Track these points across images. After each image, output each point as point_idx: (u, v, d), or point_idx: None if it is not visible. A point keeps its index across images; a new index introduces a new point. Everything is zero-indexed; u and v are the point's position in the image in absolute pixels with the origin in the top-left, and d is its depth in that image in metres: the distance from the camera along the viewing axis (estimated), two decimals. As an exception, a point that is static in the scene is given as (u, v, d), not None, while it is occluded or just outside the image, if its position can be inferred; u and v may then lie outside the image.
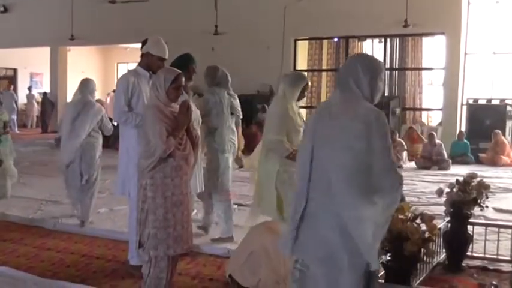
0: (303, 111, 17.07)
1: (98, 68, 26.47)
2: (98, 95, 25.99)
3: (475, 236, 5.08)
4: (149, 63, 4.73)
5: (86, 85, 6.50)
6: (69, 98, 21.96)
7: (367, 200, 2.51)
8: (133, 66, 5.11)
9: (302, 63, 17.22)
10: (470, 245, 4.99)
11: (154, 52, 4.72)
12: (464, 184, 4.85)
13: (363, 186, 2.51)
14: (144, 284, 3.89)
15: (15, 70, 24.46)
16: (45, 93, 21.06)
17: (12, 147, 6.65)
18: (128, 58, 25.01)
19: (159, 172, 3.77)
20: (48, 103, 20.46)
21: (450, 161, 12.10)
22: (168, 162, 3.77)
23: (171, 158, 3.77)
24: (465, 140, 13.09)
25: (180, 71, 3.97)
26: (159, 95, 3.86)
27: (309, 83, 4.83)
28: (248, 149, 13.50)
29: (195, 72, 5.20)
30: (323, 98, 17.65)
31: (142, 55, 4.79)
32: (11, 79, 24.18)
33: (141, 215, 3.82)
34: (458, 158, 12.69)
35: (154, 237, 3.77)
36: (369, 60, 2.77)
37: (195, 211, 6.28)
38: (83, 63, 23.92)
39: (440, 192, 5.01)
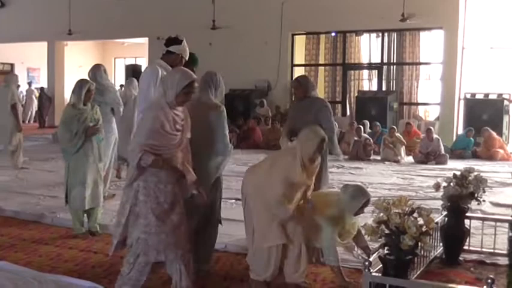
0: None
1: (96, 63, 26.41)
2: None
3: (472, 230, 5.10)
4: (177, 63, 4.59)
5: (130, 83, 8.73)
6: (66, 93, 22.02)
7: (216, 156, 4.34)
8: (130, 61, 5.03)
9: (299, 58, 17.22)
10: (467, 239, 5.00)
11: (186, 55, 4.68)
12: (462, 178, 4.87)
13: (212, 147, 4.30)
14: (120, 280, 3.82)
15: (12, 65, 24.39)
16: (42, 88, 20.99)
17: (102, 151, 5.94)
18: (125, 53, 24.95)
19: (152, 176, 3.65)
20: (45, 98, 20.39)
21: (448, 155, 12.11)
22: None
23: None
24: (471, 138, 13.08)
25: (195, 77, 3.79)
26: (168, 94, 3.66)
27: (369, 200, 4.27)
28: (245, 143, 13.45)
29: (194, 73, 5.14)
30: (320, 93, 17.61)
31: (169, 52, 4.65)
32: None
33: (131, 217, 3.73)
34: (459, 150, 12.75)
35: (145, 242, 3.68)
36: None
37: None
38: (80, 58, 23.86)
39: (437, 187, 5.02)
